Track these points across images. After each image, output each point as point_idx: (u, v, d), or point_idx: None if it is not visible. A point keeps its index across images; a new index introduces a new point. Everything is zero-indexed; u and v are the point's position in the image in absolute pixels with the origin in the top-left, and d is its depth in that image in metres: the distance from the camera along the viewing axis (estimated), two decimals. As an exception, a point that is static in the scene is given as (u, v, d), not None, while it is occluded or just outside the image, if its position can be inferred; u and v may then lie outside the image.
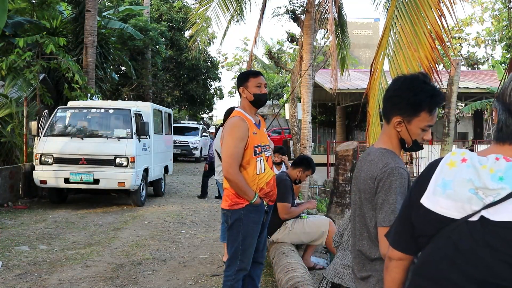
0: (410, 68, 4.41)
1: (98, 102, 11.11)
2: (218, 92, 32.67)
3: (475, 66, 32.49)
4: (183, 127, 22.24)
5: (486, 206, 1.20)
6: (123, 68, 21.21)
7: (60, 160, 8.80)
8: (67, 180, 8.75)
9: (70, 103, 10.22)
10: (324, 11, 9.41)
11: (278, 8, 11.39)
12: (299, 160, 5.13)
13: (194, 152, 20.86)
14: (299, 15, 10.48)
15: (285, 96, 25.85)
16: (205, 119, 43.68)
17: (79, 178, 8.72)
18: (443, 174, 1.29)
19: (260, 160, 3.29)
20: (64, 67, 10.97)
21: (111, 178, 8.76)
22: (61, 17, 13.62)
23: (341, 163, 6.70)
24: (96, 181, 8.74)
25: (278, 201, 4.28)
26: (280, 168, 6.22)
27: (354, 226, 2.08)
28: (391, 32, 4.74)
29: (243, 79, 3.38)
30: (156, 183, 10.90)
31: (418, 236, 1.37)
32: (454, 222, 1.25)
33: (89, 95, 11.62)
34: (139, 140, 9.21)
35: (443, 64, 5.91)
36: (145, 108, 10.29)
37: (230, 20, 10.01)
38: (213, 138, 13.53)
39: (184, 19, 24.13)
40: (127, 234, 6.94)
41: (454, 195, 1.25)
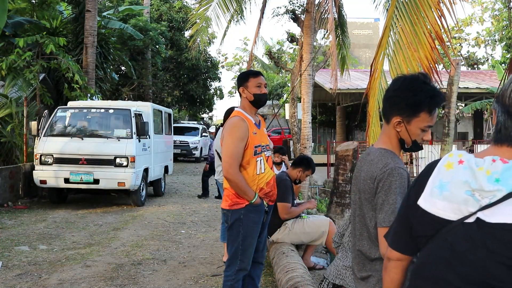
0: (410, 68, 4.41)
1: (98, 102, 11.11)
2: (218, 92, 32.68)
3: (475, 66, 32.49)
4: (183, 127, 22.25)
5: (482, 208, 1.20)
6: (123, 68, 21.21)
7: (60, 160, 8.81)
8: (67, 180, 8.76)
9: (70, 103, 10.22)
10: (324, 11, 9.40)
11: (278, 8, 11.38)
12: (299, 160, 5.13)
13: (194, 152, 20.87)
14: (299, 15, 10.48)
15: (285, 96, 25.83)
16: (205, 119, 43.67)
17: (79, 178, 8.73)
18: (440, 176, 1.30)
19: (260, 160, 3.29)
20: (64, 67, 10.97)
21: (111, 178, 8.77)
22: (61, 17, 13.62)
23: (341, 163, 6.71)
24: (96, 181, 8.75)
25: (278, 201, 4.28)
26: (280, 168, 6.23)
27: (354, 226, 2.08)
28: (391, 32, 4.74)
29: (243, 79, 3.38)
30: (156, 183, 10.91)
31: (416, 236, 1.37)
32: (450, 224, 1.25)
33: (89, 95, 11.62)
34: (139, 140, 9.22)
35: (443, 64, 5.91)
36: (145, 108, 10.29)
37: (230, 20, 10.02)
38: (213, 138, 13.53)
39: (184, 19, 24.13)
40: (127, 234, 6.94)
41: (450, 197, 1.25)
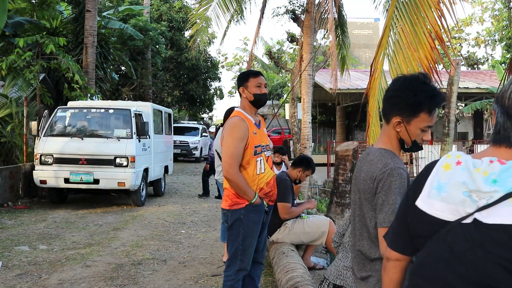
0: (410, 68, 4.41)
1: (98, 102, 11.11)
2: (218, 92, 32.69)
3: (475, 66, 32.50)
4: (183, 127, 22.25)
5: (479, 209, 1.20)
6: (123, 68, 21.21)
7: (60, 160, 8.81)
8: (67, 180, 8.76)
9: (70, 103, 10.22)
10: (324, 11, 9.41)
11: (278, 8, 11.38)
12: (299, 160, 5.13)
13: (194, 152, 20.87)
14: (299, 15, 10.48)
15: (285, 96, 25.83)
16: (205, 119, 43.67)
17: (79, 178, 8.73)
18: (438, 177, 1.30)
19: (260, 160, 3.29)
20: (64, 67, 10.97)
21: (111, 178, 8.77)
22: (61, 17, 13.62)
23: (341, 163, 6.71)
24: (96, 181, 8.75)
25: (278, 201, 4.28)
26: (280, 168, 6.23)
27: (354, 226, 2.08)
28: (391, 32, 4.75)
29: (243, 79, 3.38)
30: (156, 183, 10.91)
31: (415, 237, 1.37)
32: (448, 224, 1.26)
33: (89, 95, 11.62)
34: (139, 140, 9.22)
35: (443, 64, 5.91)
36: (145, 108, 10.29)
37: (230, 20, 10.02)
38: (213, 138, 13.53)
39: (184, 19, 24.13)
40: (127, 234, 6.94)
41: (448, 198, 1.26)
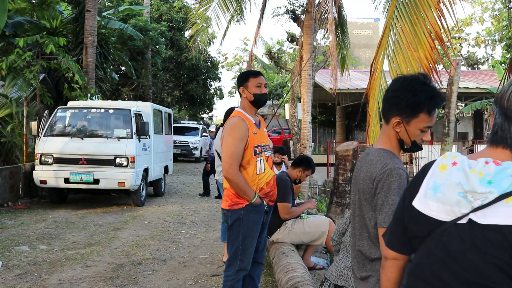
0: (410, 68, 4.41)
1: (98, 102, 11.11)
2: (218, 92, 32.69)
3: (475, 66, 32.49)
4: (183, 127, 22.26)
5: (474, 210, 1.22)
6: (123, 68, 21.21)
7: (60, 160, 8.81)
8: (67, 180, 8.76)
9: (70, 103, 10.22)
10: (324, 11, 9.41)
11: (278, 8, 11.38)
12: (299, 160, 5.13)
13: (194, 152, 20.88)
14: (299, 15, 10.48)
15: (285, 96, 25.83)
16: (205, 119, 43.68)
17: (79, 178, 8.73)
18: (435, 177, 1.31)
19: (260, 160, 3.29)
20: (64, 67, 10.97)
21: (111, 178, 8.77)
22: (61, 17, 13.61)
23: (341, 163, 6.71)
24: (96, 181, 8.75)
25: (278, 201, 4.28)
26: (280, 168, 6.23)
27: (354, 226, 2.08)
28: (391, 32, 4.75)
29: (243, 79, 3.38)
30: (156, 183, 10.91)
31: (411, 237, 1.38)
32: (444, 225, 1.27)
33: (89, 95, 11.62)
34: (139, 140, 9.22)
35: (443, 64, 5.91)
36: (145, 108, 10.29)
37: (230, 20, 10.03)
38: (213, 137, 13.53)
39: (184, 19, 24.13)
40: (127, 234, 6.95)
41: (444, 198, 1.27)
